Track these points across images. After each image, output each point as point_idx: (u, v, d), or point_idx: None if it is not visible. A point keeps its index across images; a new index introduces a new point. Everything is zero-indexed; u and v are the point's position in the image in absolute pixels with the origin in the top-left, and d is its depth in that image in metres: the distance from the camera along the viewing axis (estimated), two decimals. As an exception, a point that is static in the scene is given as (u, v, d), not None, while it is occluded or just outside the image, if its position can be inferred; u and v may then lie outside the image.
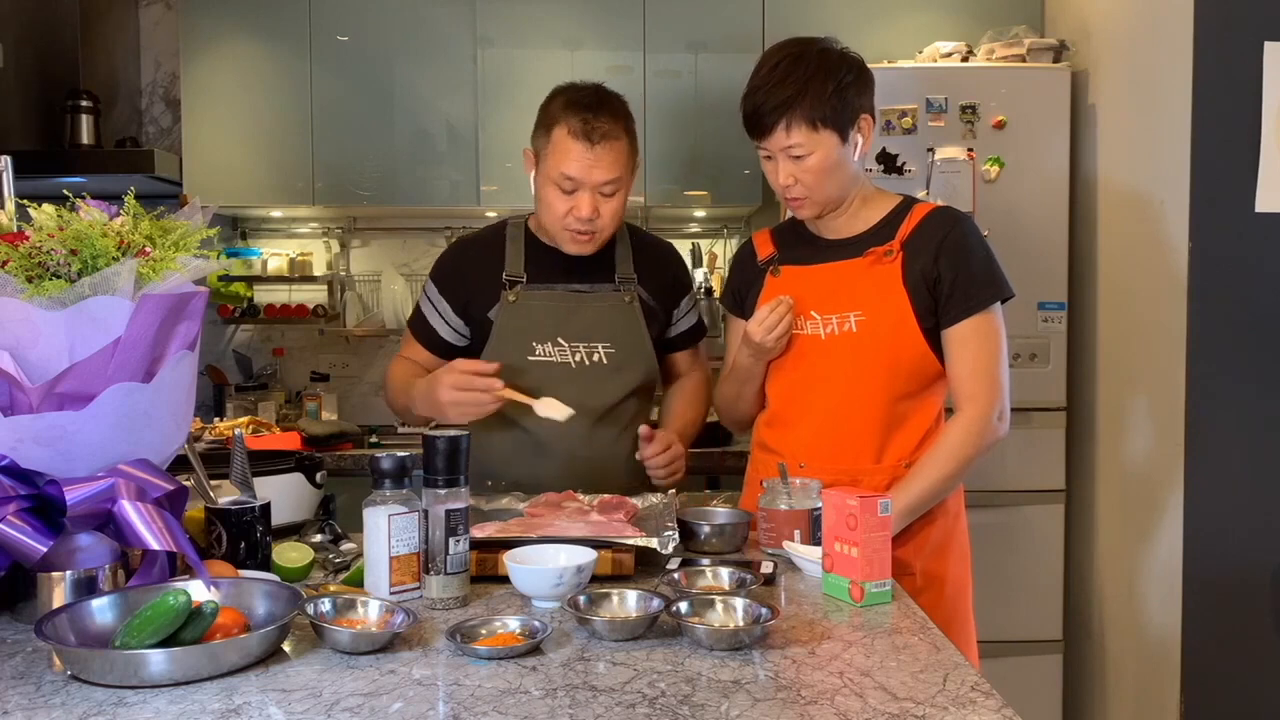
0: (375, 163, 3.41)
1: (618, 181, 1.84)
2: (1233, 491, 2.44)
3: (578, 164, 1.80)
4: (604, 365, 1.92)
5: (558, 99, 1.86)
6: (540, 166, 1.87)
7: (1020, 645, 2.90)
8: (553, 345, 1.91)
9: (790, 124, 1.72)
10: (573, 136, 1.80)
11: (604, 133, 1.80)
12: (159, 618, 1.11)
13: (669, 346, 2.07)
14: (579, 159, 1.80)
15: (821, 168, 1.74)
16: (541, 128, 1.86)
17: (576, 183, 1.82)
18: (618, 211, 1.87)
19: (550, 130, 1.84)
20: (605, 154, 1.81)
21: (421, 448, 1.39)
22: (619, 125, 1.83)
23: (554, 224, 1.88)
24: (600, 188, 1.83)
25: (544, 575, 1.36)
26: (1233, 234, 2.42)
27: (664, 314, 2.02)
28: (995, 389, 1.75)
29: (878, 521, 1.39)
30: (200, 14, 3.37)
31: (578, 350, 1.92)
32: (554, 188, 1.84)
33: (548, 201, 1.86)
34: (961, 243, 1.77)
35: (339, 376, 3.81)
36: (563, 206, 1.84)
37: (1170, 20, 2.51)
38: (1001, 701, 1.05)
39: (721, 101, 3.31)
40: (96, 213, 1.32)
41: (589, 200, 1.83)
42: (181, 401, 1.37)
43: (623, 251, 1.99)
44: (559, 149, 1.82)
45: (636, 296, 1.97)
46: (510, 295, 1.93)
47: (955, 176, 2.86)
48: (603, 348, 1.92)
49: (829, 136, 1.73)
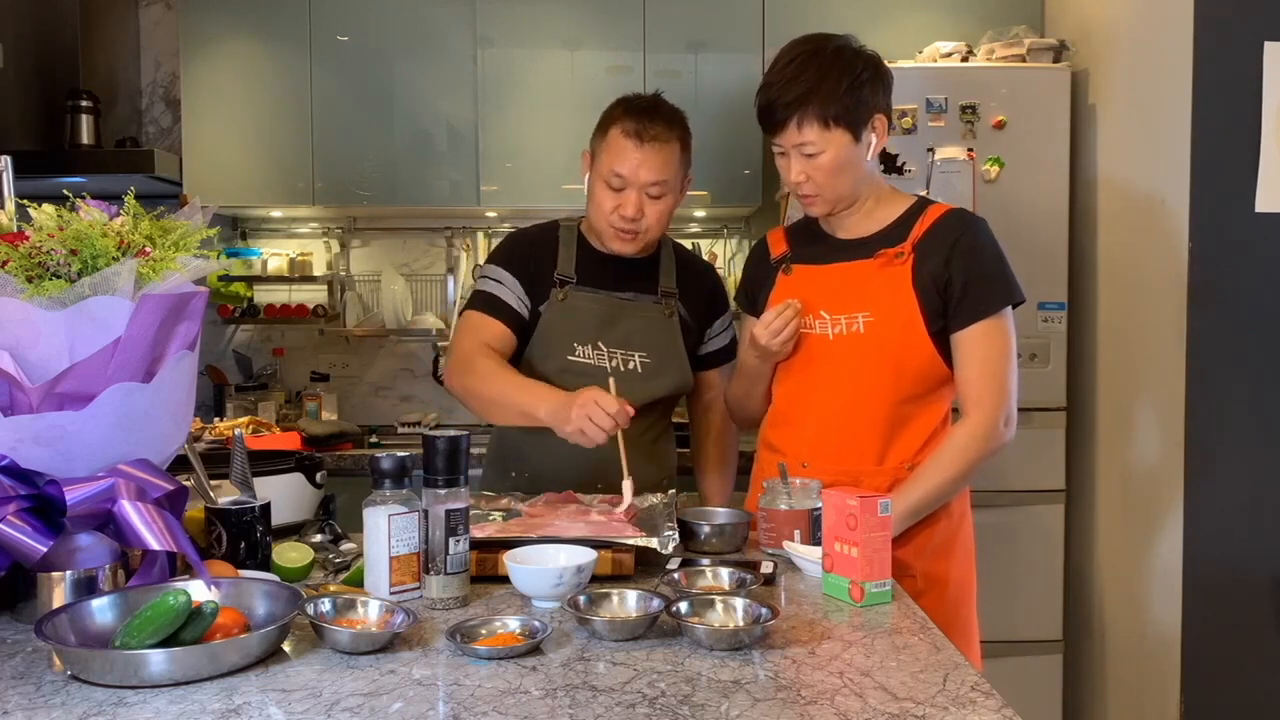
0: (375, 163, 3.41)
1: (664, 185, 1.91)
2: (1233, 491, 2.44)
3: (627, 162, 1.89)
4: (638, 373, 1.98)
5: (618, 105, 1.96)
6: (594, 165, 1.96)
7: (1020, 645, 2.90)
8: (593, 348, 1.98)
9: (802, 121, 1.72)
10: (625, 135, 1.89)
11: (654, 135, 1.89)
12: (159, 618, 1.11)
13: (700, 364, 2.11)
14: (629, 157, 1.89)
15: (833, 166, 1.74)
16: (599, 130, 1.96)
17: (625, 180, 1.90)
18: (663, 215, 1.94)
19: (606, 131, 1.93)
20: (654, 155, 1.89)
21: (421, 448, 1.40)
22: (671, 132, 1.92)
23: (601, 220, 1.95)
24: (647, 188, 1.90)
25: (544, 575, 1.36)
26: (1233, 234, 2.42)
27: (699, 331, 2.09)
28: (1003, 394, 1.74)
29: (878, 521, 1.39)
30: (200, 14, 3.38)
31: (615, 355, 1.98)
32: (604, 185, 1.92)
33: (597, 199, 1.94)
34: (974, 246, 1.76)
35: (339, 376, 3.81)
36: (610, 203, 1.92)
37: (1170, 20, 2.51)
38: (1001, 701, 1.05)
39: (721, 101, 3.31)
40: (96, 213, 1.32)
41: (635, 199, 1.90)
42: (181, 401, 1.37)
43: (667, 266, 2.06)
44: (612, 147, 1.91)
45: (676, 311, 2.04)
46: (560, 294, 1.99)
47: (955, 176, 2.86)
48: (639, 356, 1.99)
49: (841, 135, 1.73)
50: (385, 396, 3.84)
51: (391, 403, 3.83)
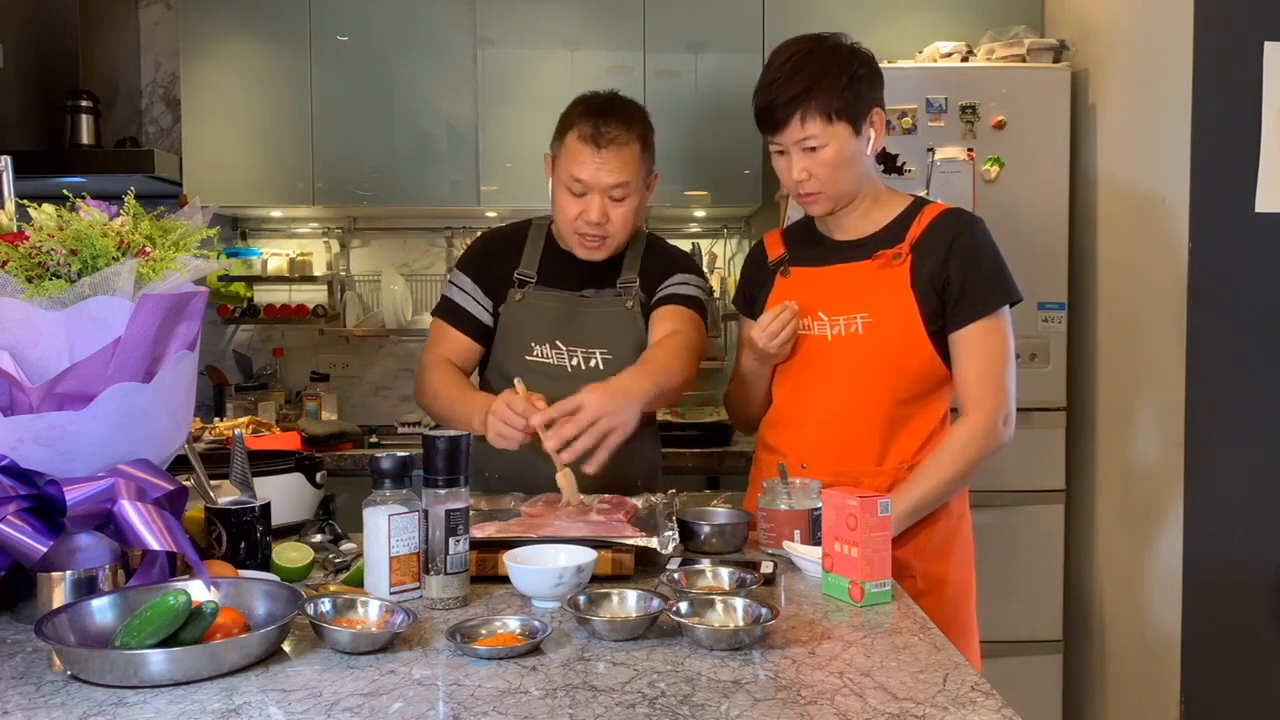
0: (375, 163, 3.41)
1: (626, 186, 1.87)
2: (1233, 491, 2.44)
3: (586, 167, 1.85)
4: (600, 371, 1.93)
5: (575, 106, 1.92)
6: (555, 171, 1.92)
7: (1020, 645, 2.90)
8: (550, 347, 1.95)
9: (805, 116, 1.72)
10: (582, 140, 1.85)
11: (611, 138, 1.85)
12: (159, 618, 1.11)
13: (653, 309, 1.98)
14: (587, 162, 1.85)
15: (836, 160, 1.74)
16: (558, 133, 1.92)
17: (585, 185, 1.86)
18: (628, 217, 1.90)
19: (564, 135, 1.89)
20: (612, 158, 1.85)
21: (421, 448, 1.40)
22: (630, 132, 1.87)
23: (565, 227, 1.92)
24: (609, 191, 1.87)
25: (544, 575, 1.36)
26: (1233, 234, 2.42)
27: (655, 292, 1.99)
28: (1001, 394, 1.74)
29: (878, 521, 1.39)
30: (200, 14, 3.38)
31: (575, 354, 1.95)
32: (566, 191, 1.89)
33: (560, 205, 1.91)
34: (971, 246, 1.76)
35: (339, 376, 3.81)
36: (573, 210, 1.88)
37: (1170, 20, 2.51)
38: (1001, 701, 1.05)
39: (721, 101, 3.31)
40: (96, 213, 1.32)
41: (598, 204, 1.86)
42: (181, 401, 1.37)
43: (631, 259, 2.01)
44: (570, 152, 1.87)
45: (637, 300, 1.99)
46: (517, 294, 1.97)
47: (955, 176, 2.86)
48: (600, 354, 1.95)
49: (843, 128, 1.73)
50: (385, 396, 3.84)
51: (391, 403, 3.83)
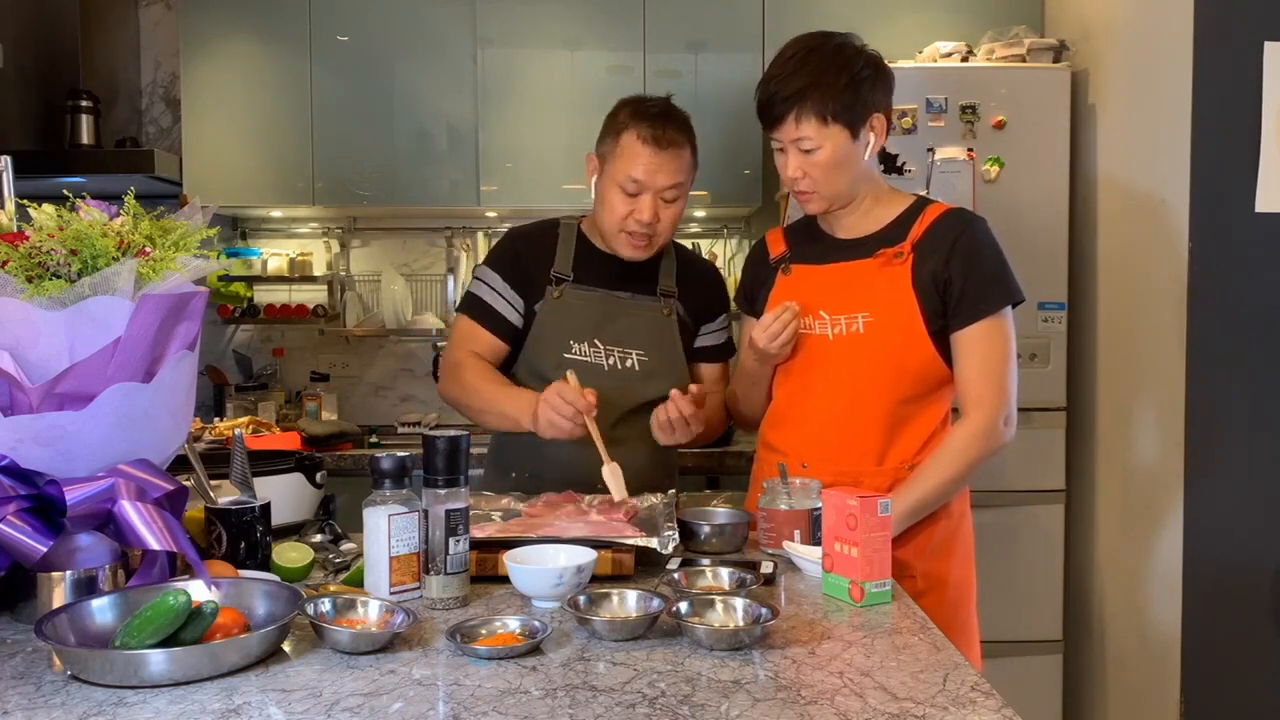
0: (375, 163, 3.41)
1: (679, 188, 1.92)
2: (1233, 491, 2.44)
3: (644, 167, 1.88)
4: (636, 371, 1.98)
5: (626, 108, 1.95)
6: (605, 170, 1.94)
7: (1020, 645, 2.90)
8: (589, 345, 1.97)
9: (800, 116, 1.72)
10: (642, 142, 1.88)
11: (670, 140, 1.89)
12: (159, 618, 1.11)
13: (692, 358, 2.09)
14: (646, 163, 1.88)
15: (830, 162, 1.74)
16: (609, 134, 1.94)
17: (641, 185, 1.89)
18: (675, 219, 1.95)
19: (619, 136, 1.91)
20: (670, 160, 1.89)
21: (421, 448, 1.40)
22: (684, 136, 1.92)
23: (613, 226, 1.94)
24: (663, 192, 1.90)
25: (544, 575, 1.36)
26: (1233, 234, 2.42)
27: (695, 329, 2.08)
28: (1002, 394, 1.74)
29: (878, 521, 1.39)
30: (200, 14, 3.38)
31: (612, 353, 1.98)
32: (618, 191, 1.91)
33: (611, 204, 1.92)
34: (973, 245, 1.76)
35: (339, 376, 3.81)
36: (624, 209, 1.91)
37: (1170, 20, 2.51)
38: (1001, 701, 1.05)
39: (722, 101, 3.31)
40: (96, 213, 1.32)
41: (651, 203, 1.90)
42: (181, 401, 1.37)
43: (667, 265, 2.05)
44: (627, 153, 1.89)
45: (675, 311, 2.03)
46: (555, 292, 1.99)
47: (955, 176, 2.86)
48: (636, 354, 1.99)
49: (838, 131, 1.73)
50: (385, 396, 3.84)
51: (391, 403, 3.83)
